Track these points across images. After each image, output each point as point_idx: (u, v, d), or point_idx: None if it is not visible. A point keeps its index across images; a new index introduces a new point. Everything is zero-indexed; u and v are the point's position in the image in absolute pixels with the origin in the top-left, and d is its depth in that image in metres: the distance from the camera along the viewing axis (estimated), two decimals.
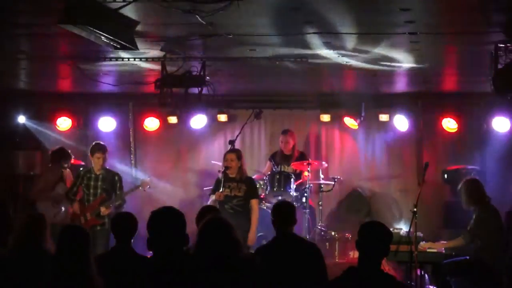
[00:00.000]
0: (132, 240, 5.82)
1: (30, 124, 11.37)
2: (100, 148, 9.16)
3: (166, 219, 4.36)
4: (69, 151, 10.21)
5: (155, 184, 9.58)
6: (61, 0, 5.49)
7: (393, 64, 8.41)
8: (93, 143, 9.37)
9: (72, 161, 10.30)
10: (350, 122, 11.14)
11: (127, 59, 8.16)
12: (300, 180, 10.32)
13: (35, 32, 6.89)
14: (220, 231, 4.31)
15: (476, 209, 8.06)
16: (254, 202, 8.89)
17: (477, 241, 7.97)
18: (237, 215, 8.51)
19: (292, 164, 10.46)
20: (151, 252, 4.43)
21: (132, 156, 11.69)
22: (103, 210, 8.93)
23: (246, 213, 8.75)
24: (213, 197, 8.85)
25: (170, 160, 11.73)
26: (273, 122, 11.56)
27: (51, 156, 10.16)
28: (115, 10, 5.76)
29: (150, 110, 11.33)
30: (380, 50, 7.61)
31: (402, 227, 9.02)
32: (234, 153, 9.01)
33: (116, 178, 9.18)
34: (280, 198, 9.88)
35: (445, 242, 8.36)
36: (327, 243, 10.32)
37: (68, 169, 10.14)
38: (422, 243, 8.09)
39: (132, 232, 5.79)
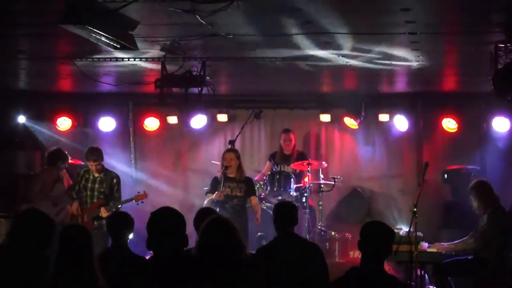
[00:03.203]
0: (128, 240, 5.84)
1: (30, 124, 11.37)
2: (92, 156, 9.01)
3: (166, 219, 4.36)
4: (66, 152, 10.20)
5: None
6: (61, 0, 5.49)
7: (393, 64, 8.41)
8: (87, 149, 9.22)
9: (69, 161, 10.29)
10: (350, 122, 11.14)
11: (127, 59, 8.15)
12: (301, 184, 10.34)
13: (35, 32, 6.89)
14: (223, 232, 4.31)
15: (489, 211, 7.99)
16: (254, 199, 9.15)
17: (479, 239, 7.94)
18: (237, 215, 8.60)
19: (292, 164, 10.47)
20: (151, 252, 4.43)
21: (132, 156, 11.69)
22: (102, 211, 8.91)
23: (245, 212, 8.88)
24: (212, 196, 8.87)
25: (170, 160, 11.74)
26: (273, 122, 11.56)
27: (47, 157, 10.14)
28: (115, 10, 5.75)
29: (150, 110, 11.33)
30: (380, 50, 7.61)
31: (402, 227, 9.02)
32: (233, 152, 9.08)
33: (115, 181, 9.10)
34: (280, 198, 9.90)
35: (452, 244, 8.28)
36: (327, 243, 10.33)
37: (64, 170, 10.15)
38: (422, 243, 8.07)
39: (128, 232, 5.81)
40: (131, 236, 6.04)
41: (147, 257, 4.78)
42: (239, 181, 8.98)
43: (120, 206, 8.99)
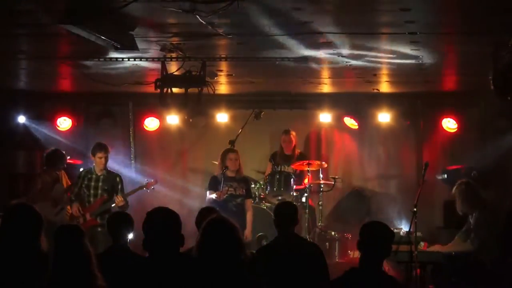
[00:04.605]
0: (128, 239, 5.85)
1: (30, 124, 11.37)
2: (102, 148, 9.16)
3: (161, 219, 4.36)
4: (64, 152, 10.23)
5: (154, 190, 9.57)
6: (61, 0, 5.49)
7: (393, 64, 8.41)
8: (95, 143, 9.36)
9: (68, 161, 10.33)
10: (350, 122, 11.14)
11: (127, 59, 8.15)
12: (301, 186, 10.34)
13: (35, 32, 6.89)
14: (224, 231, 4.30)
15: (475, 212, 8.00)
16: (250, 202, 9.28)
17: (476, 242, 7.94)
18: (240, 213, 8.72)
19: (292, 164, 10.47)
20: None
21: (132, 156, 11.69)
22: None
23: (245, 212, 9.01)
24: (213, 196, 8.92)
25: (170, 160, 11.73)
26: (273, 122, 11.55)
27: (45, 158, 10.19)
28: (115, 10, 5.75)
29: (150, 110, 11.33)
30: (380, 50, 7.61)
31: (402, 227, 9.02)
32: (236, 153, 9.16)
33: (118, 179, 9.20)
34: (280, 198, 9.91)
35: (450, 245, 8.27)
36: (327, 243, 10.33)
37: (63, 170, 10.19)
38: (422, 243, 8.06)
39: (128, 231, 5.83)
40: (131, 236, 6.05)
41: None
42: (240, 181, 9.06)
43: (122, 203, 9.04)
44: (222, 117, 11.41)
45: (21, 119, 11.34)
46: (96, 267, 4.46)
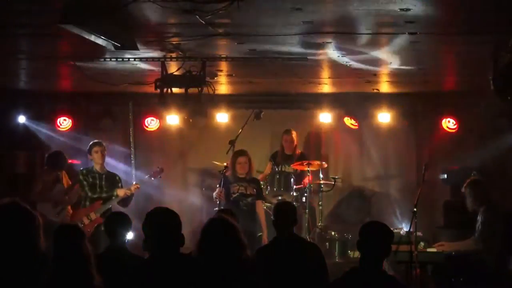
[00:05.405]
0: (126, 239, 5.85)
1: (30, 124, 11.37)
2: (96, 143, 9.20)
3: (161, 219, 4.37)
4: (65, 154, 10.25)
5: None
6: (61, 0, 5.49)
7: (392, 64, 8.41)
8: (91, 142, 9.37)
9: (68, 162, 10.37)
10: (350, 122, 11.15)
11: (127, 59, 8.15)
12: (301, 186, 10.34)
13: (35, 32, 6.89)
14: (224, 231, 4.30)
15: (482, 210, 8.00)
16: (261, 203, 9.18)
17: (479, 240, 7.94)
18: (249, 213, 8.73)
19: (292, 164, 10.48)
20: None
21: (132, 156, 11.69)
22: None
23: (256, 212, 8.99)
24: (214, 194, 8.99)
25: (170, 160, 11.73)
26: (273, 122, 11.56)
27: (47, 158, 10.23)
28: (115, 10, 5.75)
29: (150, 110, 11.33)
30: (380, 50, 7.61)
31: (402, 227, 9.03)
32: (246, 156, 9.14)
33: (117, 178, 9.28)
34: (280, 198, 9.91)
35: (454, 243, 8.26)
36: (327, 243, 10.34)
37: (63, 170, 10.21)
38: (422, 244, 8.06)
39: (126, 231, 5.83)
40: (130, 236, 6.05)
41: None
42: (250, 181, 9.08)
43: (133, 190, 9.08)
44: (222, 117, 11.40)
45: (21, 119, 11.35)
46: (94, 268, 4.45)
